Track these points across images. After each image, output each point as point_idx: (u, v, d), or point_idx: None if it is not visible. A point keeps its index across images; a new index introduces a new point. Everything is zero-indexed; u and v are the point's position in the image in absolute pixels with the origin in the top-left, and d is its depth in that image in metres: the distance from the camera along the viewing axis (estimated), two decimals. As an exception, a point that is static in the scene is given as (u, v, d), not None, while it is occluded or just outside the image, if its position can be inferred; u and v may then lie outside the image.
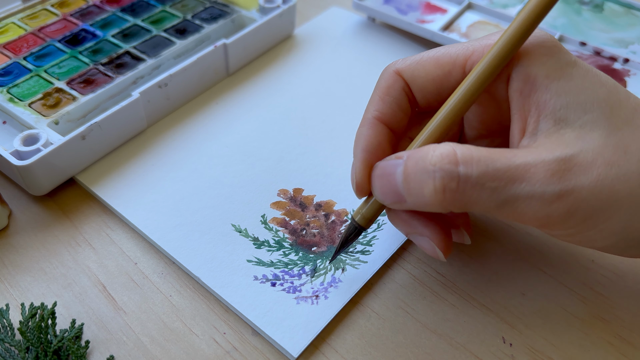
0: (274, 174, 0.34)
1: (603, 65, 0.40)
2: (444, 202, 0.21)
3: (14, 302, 0.27)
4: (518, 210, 0.21)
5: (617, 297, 0.28)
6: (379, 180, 0.24)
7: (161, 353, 0.26)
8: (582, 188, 0.20)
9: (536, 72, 0.22)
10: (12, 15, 0.42)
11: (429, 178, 0.21)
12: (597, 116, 0.21)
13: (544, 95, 0.22)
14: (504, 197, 0.20)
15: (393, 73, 0.26)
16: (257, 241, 0.30)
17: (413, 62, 0.25)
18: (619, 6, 0.45)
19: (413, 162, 0.22)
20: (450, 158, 0.20)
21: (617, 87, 0.23)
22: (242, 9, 0.43)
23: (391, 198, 0.23)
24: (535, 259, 0.29)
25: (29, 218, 0.32)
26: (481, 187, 0.20)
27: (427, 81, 0.25)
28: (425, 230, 0.24)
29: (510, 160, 0.21)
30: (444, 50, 0.25)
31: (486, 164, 0.20)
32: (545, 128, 0.22)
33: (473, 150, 0.21)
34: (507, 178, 0.20)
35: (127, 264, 0.29)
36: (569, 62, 0.22)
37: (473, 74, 0.23)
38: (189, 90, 0.38)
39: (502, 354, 0.26)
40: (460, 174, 0.20)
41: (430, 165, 0.21)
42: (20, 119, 0.33)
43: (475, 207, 0.21)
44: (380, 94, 0.26)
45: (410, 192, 0.22)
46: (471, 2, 0.45)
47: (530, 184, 0.20)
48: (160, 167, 0.34)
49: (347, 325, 0.27)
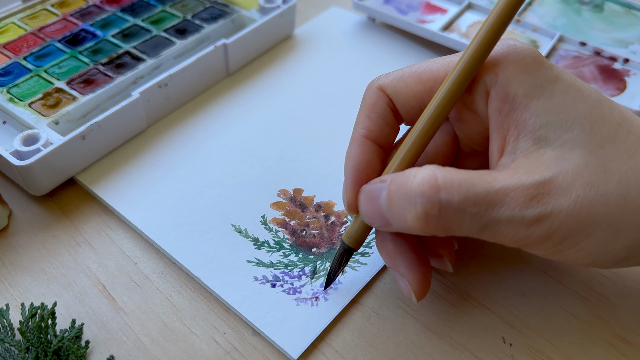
0: (274, 174, 0.34)
1: (603, 65, 0.40)
2: (427, 227, 0.21)
3: (14, 302, 0.27)
4: (498, 233, 0.21)
5: (617, 297, 0.28)
6: (364, 204, 0.24)
7: (161, 353, 0.26)
8: (560, 211, 0.20)
9: (515, 90, 0.22)
10: (12, 15, 0.42)
11: (411, 204, 0.21)
12: (577, 135, 0.21)
13: (523, 114, 0.22)
14: (484, 221, 0.21)
15: (376, 89, 0.26)
16: (257, 242, 0.30)
17: (395, 78, 0.25)
18: (619, 6, 0.45)
19: (395, 187, 0.21)
20: (431, 183, 0.20)
21: (601, 100, 0.22)
22: (242, 9, 0.43)
23: (377, 222, 0.23)
24: (535, 259, 0.29)
25: (29, 218, 0.32)
26: (462, 212, 0.20)
27: (409, 97, 0.25)
28: (407, 273, 0.25)
29: (490, 185, 0.21)
30: (426, 66, 0.25)
31: (467, 188, 0.20)
32: (524, 147, 0.22)
33: (454, 174, 0.21)
34: (487, 203, 0.20)
35: (127, 264, 0.29)
36: (550, 78, 0.22)
37: (440, 92, 0.23)
38: (189, 90, 0.38)
39: (502, 354, 0.26)
40: (441, 200, 0.20)
41: (412, 191, 0.21)
42: (20, 119, 0.33)
43: (457, 231, 0.21)
44: (366, 111, 0.26)
45: (394, 217, 0.22)
46: (471, 2, 0.45)
47: (509, 208, 0.20)
48: (160, 167, 0.34)
49: (347, 325, 0.27)
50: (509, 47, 0.23)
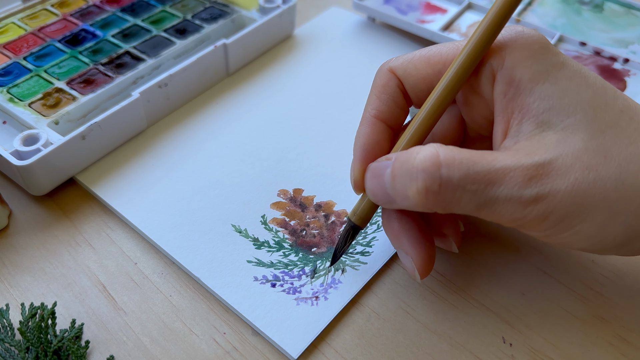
0: (274, 174, 0.34)
1: (603, 65, 0.40)
2: (427, 203, 0.21)
3: (14, 302, 0.27)
4: (496, 212, 0.21)
5: (617, 297, 0.28)
6: (370, 181, 0.24)
7: (161, 353, 0.26)
8: (558, 192, 0.21)
9: (521, 75, 0.22)
10: (12, 15, 0.42)
11: (413, 180, 0.21)
12: (580, 119, 0.22)
13: (528, 98, 0.22)
14: (483, 199, 0.21)
15: (387, 71, 0.26)
16: (257, 242, 0.30)
17: (405, 60, 0.26)
18: (619, 6, 0.45)
19: (399, 164, 0.22)
20: (433, 160, 0.21)
21: (605, 88, 0.23)
22: (242, 9, 0.43)
23: (382, 198, 0.24)
24: (535, 259, 0.29)
25: (29, 218, 0.32)
26: (462, 189, 0.21)
27: (418, 80, 0.25)
28: (410, 250, 0.25)
29: (491, 164, 0.21)
30: (435, 50, 0.25)
31: (467, 166, 0.21)
32: (527, 130, 0.22)
33: (456, 152, 0.21)
34: (487, 181, 0.21)
35: (127, 264, 0.29)
36: (556, 64, 0.22)
37: (447, 74, 0.23)
38: (189, 90, 0.38)
39: (502, 354, 0.26)
40: (442, 176, 0.21)
41: (414, 167, 0.21)
42: (20, 119, 0.33)
43: (457, 207, 0.21)
44: (376, 92, 0.26)
45: (396, 193, 0.22)
46: (471, 2, 0.45)
47: (508, 187, 0.21)
48: (160, 167, 0.34)
49: (347, 325, 0.27)
50: (517, 33, 0.23)
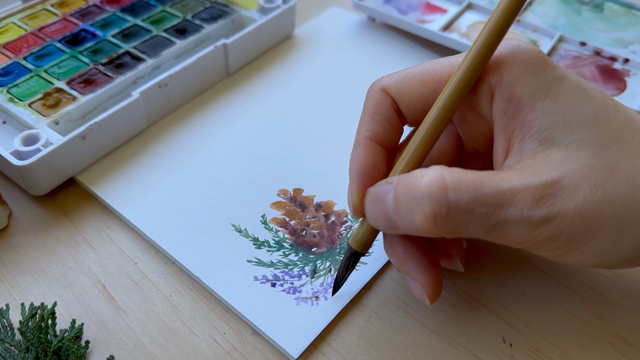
0: (274, 174, 0.34)
1: (603, 65, 0.40)
2: (435, 228, 0.21)
3: (14, 302, 0.27)
4: (506, 234, 0.21)
5: (617, 297, 0.28)
6: (371, 207, 0.23)
7: (161, 353, 0.26)
8: (568, 211, 0.20)
9: (520, 91, 0.22)
10: (12, 15, 0.42)
11: (419, 205, 0.20)
12: (583, 135, 0.21)
13: (529, 115, 0.22)
14: (492, 222, 0.20)
15: (380, 91, 0.25)
16: (257, 241, 0.30)
17: (398, 79, 0.25)
18: (619, 6, 0.45)
19: (402, 189, 0.21)
20: (439, 184, 0.20)
21: (606, 100, 0.22)
22: (242, 9, 0.43)
23: (384, 224, 0.23)
24: (535, 259, 0.29)
25: (29, 218, 0.32)
26: (471, 213, 0.20)
27: (412, 99, 0.25)
28: (418, 276, 0.24)
29: (498, 185, 0.20)
30: (429, 67, 0.25)
31: (475, 189, 0.20)
32: (530, 148, 0.22)
33: (461, 174, 0.21)
34: (496, 203, 0.20)
35: (127, 264, 0.29)
36: (555, 78, 0.22)
37: (444, 93, 0.23)
38: (189, 90, 0.38)
39: (502, 354, 0.26)
40: (450, 200, 0.20)
41: (419, 192, 0.20)
42: (20, 119, 0.33)
43: (466, 232, 0.21)
44: (369, 113, 0.25)
45: (401, 219, 0.22)
46: (471, 2, 0.45)
47: (517, 209, 0.20)
48: (160, 167, 0.34)
49: (347, 325, 0.27)
50: (513, 48, 0.23)
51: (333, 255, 0.29)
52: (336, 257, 0.29)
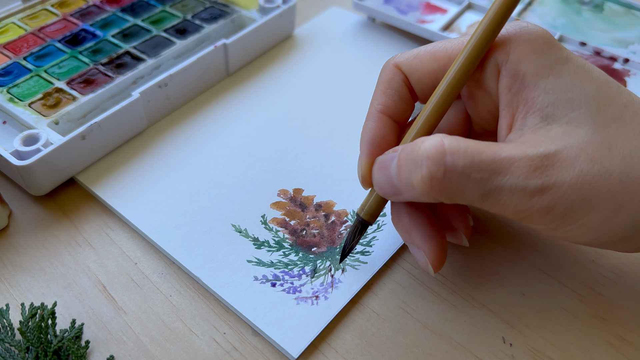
0: (274, 174, 0.34)
1: (603, 65, 0.40)
2: (431, 190, 0.21)
3: (14, 302, 0.27)
4: (500, 202, 0.21)
5: (617, 297, 0.28)
6: (377, 173, 0.24)
7: (161, 353, 0.26)
8: (563, 183, 0.21)
9: (525, 69, 0.23)
10: (12, 15, 0.42)
11: (417, 167, 0.21)
12: (584, 113, 0.22)
13: (532, 92, 0.22)
14: (487, 188, 0.21)
15: (392, 67, 0.26)
16: (257, 241, 0.30)
17: (411, 56, 0.26)
18: (619, 6, 0.45)
19: (405, 154, 0.22)
20: (438, 148, 0.21)
21: (609, 83, 0.23)
22: (242, 9, 0.43)
23: (388, 190, 0.24)
24: (535, 259, 0.29)
25: (29, 218, 0.32)
26: (467, 177, 0.21)
27: (423, 75, 0.26)
28: (422, 244, 0.25)
29: (496, 153, 0.21)
30: (440, 45, 0.26)
31: (472, 155, 0.21)
32: (532, 124, 0.22)
33: (461, 141, 0.21)
34: (492, 170, 0.21)
35: (127, 264, 0.29)
36: (560, 58, 0.23)
37: (452, 68, 0.24)
38: (189, 90, 0.38)
39: (502, 354, 0.26)
40: (446, 163, 0.21)
41: (419, 155, 0.21)
42: (20, 119, 0.33)
43: (461, 197, 0.21)
44: (382, 87, 0.26)
45: (402, 183, 0.22)
46: (471, 2, 0.45)
47: (513, 177, 0.21)
48: (160, 167, 0.34)
49: (347, 325, 0.27)
50: (521, 28, 0.23)
51: (333, 255, 0.29)
52: (336, 256, 0.29)
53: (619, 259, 0.29)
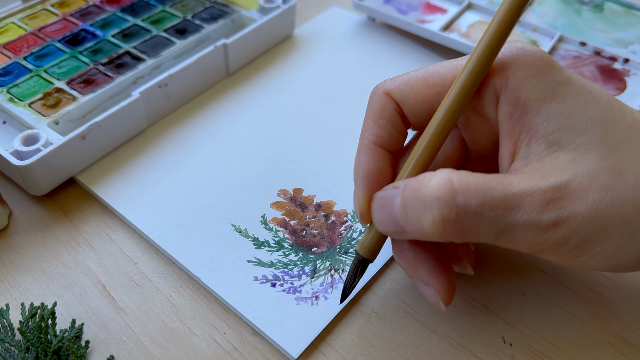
0: (274, 174, 0.34)
1: (603, 65, 0.40)
2: (444, 233, 0.20)
3: (14, 302, 0.27)
4: (515, 238, 0.20)
5: (617, 297, 0.28)
6: (378, 212, 0.23)
7: (161, 353, 0.26)
8: (577, 215, 0.20)
9: (526, 94, 0.22)
10: (12, 15, 0.42)
11: (427, 209, 0.20)
12: (591, 138, 0.21)
13: (535, 118, 0.22)
14: (502, 226, 0.20)
15: (383, 95, 0.25)
16: (257, 241, 0.30)
17: (402, 82, 0.25)
18: (619, 6, 0.45)
19: (409, 193, 0.21)
20: (447, 187, 0.20)
21: (612, 102, 0.22)
22: (242, 9, 0.43)
23: (392, 229, 0.22)
24: (535, 259, 0.29)
25: (29, 218, 0.32)
26: (480, 216, 0.20)
27: (416, 103, 0.24)
28: (431, 280, 0.24)
29: (507, 189, 0.20)
30: (433, 70, 0.24)
31: (484, 192, 0.20)
32: (537, 152, 0.21)
33: (470, 177, 0.20)
34: (505, 207, 0.20)
35: (127, 264, 0.29)
36: (561, 81, 0.22)
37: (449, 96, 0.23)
38: (189, 90, 0.38)
39: (502, 354, 0.26)
40: (458, 204, 0.20)
41: (427, 195, 0.20)
42: (20, 119, 0.33)
43: (475, 236, 0.21)
44: (373, 117, 0.25)
45: (409, 223, 0.21)
46: (471, 2, 0.45)
47: (526, 212, 0.20)
48: (160, 167, 0.34)
49: (347, 325, 0.27)
50: (518, 50, 0.22)
51: (333, 255, 0.29)
52: (336, 257, 0.29)
53: (619, 259, 0.29)
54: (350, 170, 0.34)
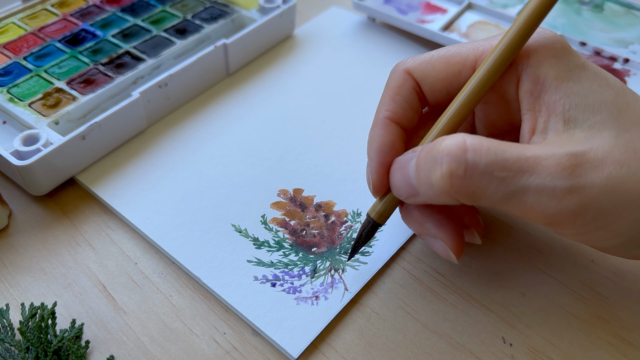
0: (274, 174, 0.34)
1: (603, 65, 0.40)
2: (451, 189, 0.20)
3: (14, 302, 0.27)
4: (527, 204, 0.20)
5: (617, 297, 0.28)
6: (395, 174, 0.24)
7: (161, 353, 0.26)
8: (593, 186, 0.20)
9: (546, 73, 0.22)
10: (12, 15, 0.42)
11: (437, 164, 0.21)
12: (605, 117, 0.22)
13: (554, 95, 0.22)
14: (512, 188, 0.20)
15: (403, 72, 0.26)
16: (257, 241, 0.30)
17: (423, 61, 0.25)
18: (619, 6, 0.45)
19: (424, 152, 0.22)
20: (459, 145, 0.20)
21: (625, 89, 0.23)
22: (242, 9, 0.43)
23: (405, 191, 0.23)
24: (535, 259, 0.29)
25: (29, 218, 0.32)
26: (489, 175, 0.20)
27: (437, 80, 0.25)
28: (438, 232, 0.24)
29: (521, 152, 0.20)
30: (454, 50, 0.25)
31: (495, 153, 0.20)
32: (555, 127, 0.22)
33: (483, 140, 0.21)
34: (517, 169, 0.20)
35: (127, 264, 0.29)
36: (578, 64, 0.23)
37: (479, 72, 0.23)
38: (189, 90, 0.38)
39: (502, 354, 0.26)
40: (468, 160, 0.20)
41: (439, 152, 0.21)
42: (20, 119, 0.33)
43: (483, 197, 0.21)
44: (391, 93, 0.26)
45: (421, 182, 0.22)
46: (471, 2, 0.45)
47: (540, 176, 0.20)
48: (160, 167, 0.34)
49: (347, 325, 0.27)
50: (538, 34, 0.23)
51: (333, 255, 0.29)
52: (336, 257, 0.29)
53: (619, 259, 0.29)
54: (350, 170, 0.34)
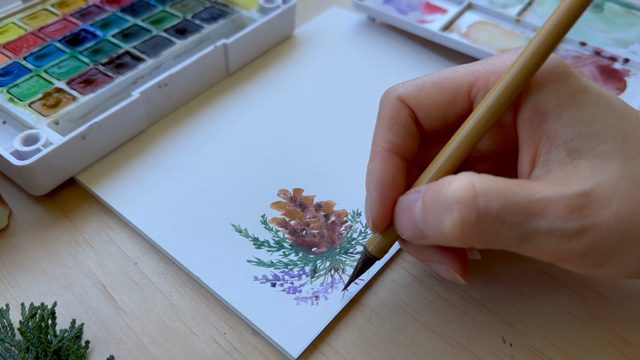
0: (274, 174, 0.34)
1: (603, 65, 0.40)
2: (464, 236, 0.20)
3: (14, 302, 0.27)
4: (537, 246, 0.20)
5: (617, 297, 0.28)
6: (400, 215, 0.23)
7: (161, 353, 0.26)
8: (601, 224, 0.20)
9: (546, 101, 0.22)
10: (12, 15, 0.42)
11: (447, 212, 0.20)
12: (610, 146, 0.21)
13: (555, 125, 0.21)
14: (524, 232, 0.20)
15: (396, 100, 0.24)
16: (257, 241, 0.30)
17: (416, 88, 0.24)
18: (619, 6, 0.45)
19: (430, 196, 0.21)
20: (468, 190, 0.19)
21: (629, 111, 0.22)
22: (242, 9, 0.43)
23: (412, 233, 0.22)
24: (535, 259, 0.29)
25: (29, 218, 0.32)
26: (501, 221, 0.20)
27: (431, 108, 0.24)
28: (441, 257, 0.24)
29: (530, 195, 0.20)
30: (447, 75, 0.24)
31: (506, 197, 0.20)
32: (557, 159, 0.21)
33: (491, 181, 0.20)
34: (527, 213, 0.20)
35: (127, 264, 0.29)
36: (580, 88, 0.22)
37: (483, 105, 0.22)
38: (189, 90, 0.38)
39: (502, 354, 0.26)
40: (479, 207, 0.19)
41: (447, 198, 0.20)
42: (20, 119, 0.33)
43: (495, 242, 0.20)
44: (386, 124, 0.24)
45: (429, 227, 0.21)
46: (471, 2, 0.45)
47: (550, 219, 0.20)
48: (160, 167, 0.34)
49: (347, 325, 0.27)
50: None
51: (333, 255, 0.29)
52: (336, 257, 0.29)
53: (619, 259, 0.29)
54: (350, 170, 0.34)
